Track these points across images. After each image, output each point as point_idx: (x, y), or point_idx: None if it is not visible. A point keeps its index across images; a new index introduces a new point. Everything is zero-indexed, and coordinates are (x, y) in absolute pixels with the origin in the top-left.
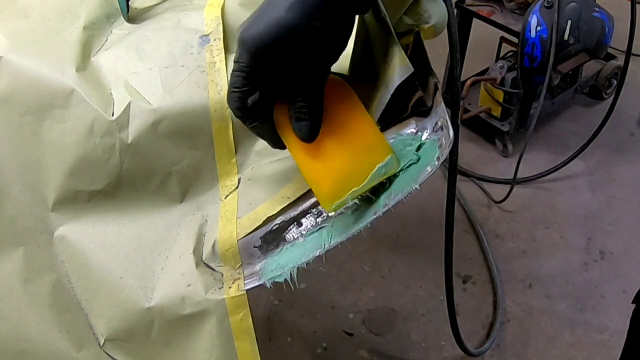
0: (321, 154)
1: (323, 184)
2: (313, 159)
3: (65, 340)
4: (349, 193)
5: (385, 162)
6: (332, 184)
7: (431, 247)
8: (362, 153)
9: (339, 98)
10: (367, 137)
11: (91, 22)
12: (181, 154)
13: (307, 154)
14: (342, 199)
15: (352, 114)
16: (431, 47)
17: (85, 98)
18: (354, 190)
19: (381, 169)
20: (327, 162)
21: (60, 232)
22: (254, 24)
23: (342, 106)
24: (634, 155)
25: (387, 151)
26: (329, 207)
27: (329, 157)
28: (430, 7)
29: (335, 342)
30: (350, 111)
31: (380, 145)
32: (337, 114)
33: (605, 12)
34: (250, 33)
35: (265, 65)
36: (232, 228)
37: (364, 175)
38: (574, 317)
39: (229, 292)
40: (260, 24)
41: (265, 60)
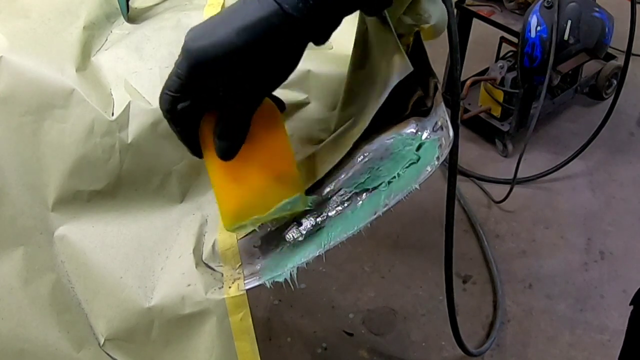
0: (234, 173)
1: (228, 204)
2: (224, 176)
3: (65, 340)
4: (250, 219)
5: (293, 199)
6: (236, 206)
7: (431, 247)
8: (273, 184)
9: (267, 124)
10: (282, 170)
11: (91, 22)
12: (181, 153)
13: (220, 169)
14: (242, 222)
15: (274, 144)
16: (431, 47)
17: (85, 98)
18: (256, 217)
19: (287, 205)
20: (237, 183)
21: (60, 232)
22: (202, 37)
23: (267, 133)
24: (634, 155)
25: (297, 189)
26: (228, 226)
27: (240, 178)
28: (430, 7)
29: (335, 342)
30: (273, 140)
31: (293, 181)
32: (260, 140)
33: (605, 12)
34: (195, 45)
35: (201, 79)
36: None
37: (269, 205)
38: (574, 317)
39: (229, 291)
40: (207, 39)
41: (203, 75)
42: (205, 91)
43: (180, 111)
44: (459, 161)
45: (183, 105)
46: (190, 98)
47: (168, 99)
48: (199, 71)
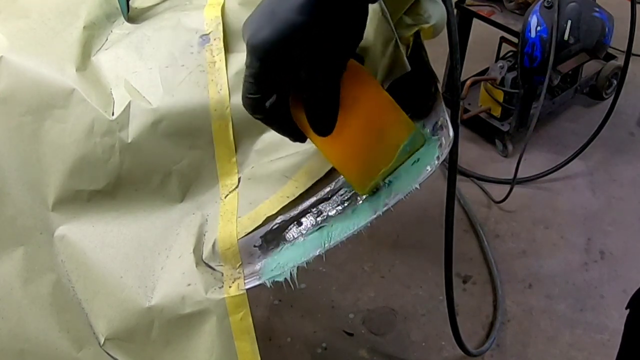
0: (345, 140)
1: (353, 170)
2: (338, 147)
3: (65, 340)
4: (379, 174)
5: (409, 140)
6: (361, 169)
7: (431, 247)
8: (385, 134)
9: (356, 82)
10: (388, 118)
11: (91, 22)
12: (181, 153)
13: (331, 143)
14: (374, 181)
15: (370, 97)
16: (431, 47)
17: (85, 98)
18: (383, 170)
19: (406, 147)
20: (352, 149)
21: (60, 232)
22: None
23: (360, 90)
24: (634, 155)
25: (408, 128)
26: (363, 190)
27: (353, 143)
28: (430, 7)
29: (335, 342)
30: (369, 94)
31: (402, 123)
32: (356, 99)
33: (605, 12)
34: (259, 38)
35: (277, 70)
36: (232, 227)
37: (391, 155)
38: (574, 317)
39: (229, 291)
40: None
41: (277, 65)
42: (286, 80)
43: (270, 109)
44: (459, 161)
45: (271, 102)
46: (274, 92)
47: (252, 102)
48: (272, 63)
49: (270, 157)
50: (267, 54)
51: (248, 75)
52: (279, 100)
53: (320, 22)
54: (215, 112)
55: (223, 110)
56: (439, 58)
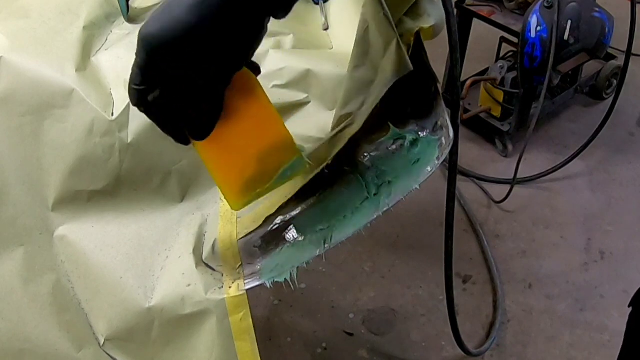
0: (226, 153)
1: (228, 184)
2: (218, 158)
3: (66, 340)
4: (254, 193)
5: (291, 164)
6: (237, 185)
7: (431, 247)
8: (267, 153)
9: (246, 94)
10: (273, 136)
11: (91, 22)
12: (181, 153)
13: (212, 151)
14: (247, 198)
15: (257, 112)
16: (431, 47)
17: (85, 98)
18: (258, 191)
19: (287, 171)
20: (231, 162)
21: (60, 232)
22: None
23: (247, 104)
24: (634, 155)
25: (293, 152)
26: (235, 205)
27: (233, 156)
28: (429, 8)
29: (335, 342)
30: (255, 109)
31: (286, 146)
32: (242, 112)
33: (605, 12)
34: (148, 31)
35: (162, 65)
36: (232, 228)
37: (270, 176)
38: (574, 317)
39: (229, 291)
40: (159, 23)
41: (163, 60)
42: (171, 77)
43: (153, 102)
44: (459, 161)
45: (154, 96)
46: (158, 87)
47: (135, 92)
48: (158, 57)
49: None
50: (153, 48)
51: (135, 65)
52: (162, 96)
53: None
54: None
55: None
56: (439, 58)
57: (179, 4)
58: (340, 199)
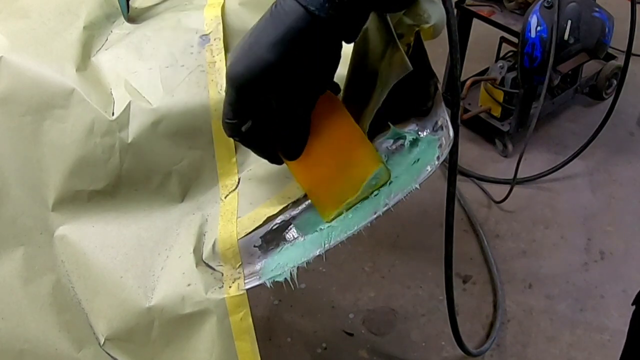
0: (316, 168)
1: (319, 197)
2: (307, 173)
3: (65, 340)
4: (344, 204)
5: (375, 174)
6: (326, 197)
7: (431, 247)
8: (353, 166)
9: (330, 113)
10: (356, 151)
11: (91, 22)
12: (181, 153)
13: (301, 168)
14: (338, 209)
15: (342, 129)
16: (431, 47)
17: (85, 98)
18: (348, 201)
19: (372, 181)
20: (322, 177)
21: (60, 232)
22: (239, 61)
23: (333, 121)
24: (634, 155)
25: (376, 163)
26: (327, 218)
27: (323, 171)
28: (429, 8)
29: (335, 342)
30: (340, 126)
31: (370, 157)
32: (327, 130)
33: (605, 12)
34: (234, 70)
35: (250, 100)
36: (232, 227)
37: (357, 187)
38: (574, 317)
39: (229, 291)
40: (244, 62)
41: (250, 96)
42: (260, 109)
43: (247, 133)
44: (459, 161)
45: (247, 127)
46: (249, 118)
47: (229, 126)
48: (246, 94)
49: None
50: (240, 86)
51: (226, 102)
52: (254, 126)
53: (290, 60)
54: (215, 112)
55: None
56: (439, 58)
57: (259, 43)
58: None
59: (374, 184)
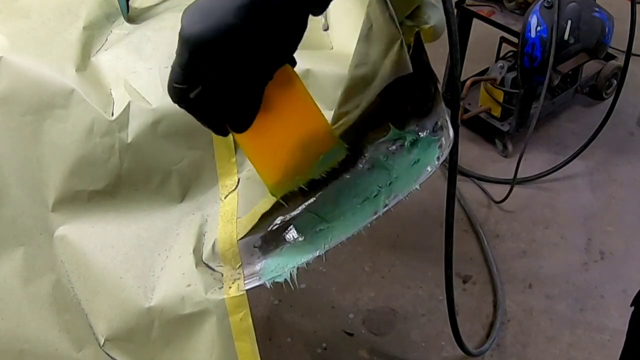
0: (266, 142)
1: (269, 173)
2: (259, 148)
3: (65, 340)
4: (293, 181)
5: (331, 152)
6: (277, 173)
7: (431, 247)
8: (307, 142)
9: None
10: (312, 125)
11: (91, 22)
12: (181, 153)
13: (253, 142)
14: (288, 186)
15: (297, 103)
16: (431, 47)
17: (85, 98)
18: (297, 178)
19: (327, 158)
20: (272, 151)
21: (60, 232)
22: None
23: (288, 95)
24: (634, 155)
25: (332, 140)
26: (275, 192)
27: (274, 146)
28: (429, 10)
29: (335, 342)
30: (296, 100)
31: (325, 133)
32: (282, 103)
33: (605, 12)
34: (191, 31)
35: (205, 63)
36: (232, 228)
37: (309, 163)
38: (574, 317)
39: (229, 292)
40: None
41: (206, 60)
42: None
43: (195, 99)
44: (459, 161)
45: (195, 93)
46: (200, 84)
47: (177, 91)
48: (201, 57)
49: None
50: (196, 48)
51: (176, 64)
52: (203, 92)
53: (253, 27)
54: None
55: None
56: (439, 58)
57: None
58: (341, 200)
59: (329, 161)
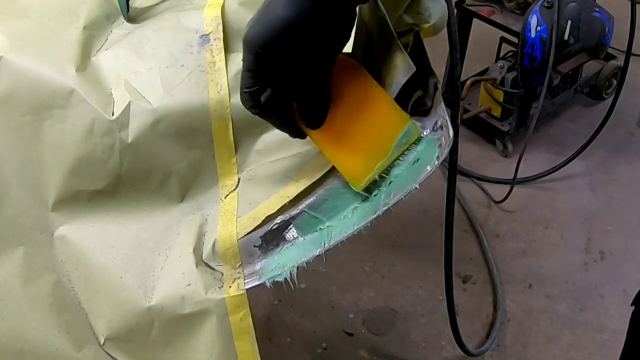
0: (341, 135)
1: (350, 165)
2: (335, 143)
3: (65, 340)
4: (375, 167)
5: (405, 131)
6: (358, 164)
7: (431, 247)
8: (381, 127)
9: (350, 77)
10: (383, 111)
11: (91, 22)
12: (181, 153)
13: (328, 138)
14: (370, 175)
15: (364, 91)
16: (431, 47)
17: (85, 98)
18: (379, 164)
19: (402, 139)
20: (348, 143)
21: (60, 232)
22: (255, 26)
23: (354, 84)
24: (634, 155)
25: (404, 120)
26: (359, 185)
27: (349, 137)
28: (430, 6)
29: (335, 342)
30: (363, 88)
31: (397, 115)
32: (351, 93)
33: (605, 12)
34: (250, 35)
35: (269, 64)
36: (232, 227)
37: (387, 148)
38: (574, 317)
39: (229, 291)
40: (259, 25)
41: (268, 59)
42: (278, 73)
43: (266, 102)
44: (459, 161)
45: (265, 96)
46: (269, 86)
47: (248, 96)
48: (264, 57)
49: (271, 157)
50: (257, 48)
51: (244, 70)
52: (274, 94)
53: (306, 17)
54: (215, 112)
55: (223, 111)
56: (439, 58)
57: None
58: (340, 199)
59: (404, 142)
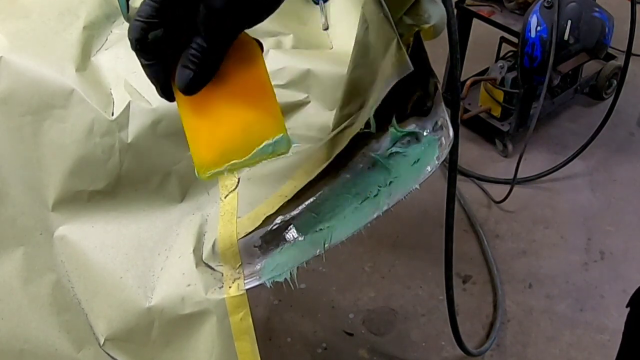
0: (209, 115)
1: (202, 149)
2: (199, 119)
3: (65, 340)
4: (227, 164)
5: (275, 140)
6: (211, 152)
7: (431, 247)
8: (252, 123)
9: (244, 60)
10: (262, 108)
11: (91, 22)
12: (181, 153)
13: (194, 112)
14: (218, 167)
15: (252, 80)
16: (431, 47)
17: (85, 98)
18: (233, 162)
19: (268, 147)
20: (212, 127)
21: (60, 232)
22: None
23: (244, 70)
24: (634, 155)
25: (279, 129)
26: (202, 174)
27: (216, 121)
28: (430, 8)
29: (335, 342)
30: (252, 77)
31: (274, 121)
32: (239, 79)
33: (605, 12)
34: None
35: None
36: (232, 228)
37: (249, 149)
38: (574, 317)
39: (229, 291)
40: None
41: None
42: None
43: (152, 41)
44: (459, 161)
45: (155, 34)
46: (163, 26)
47: (139, 25)
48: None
49: None
50: None
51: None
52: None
53: None
54: None
55: None
56: (439, 58)
57: None
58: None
59: (270, 151)
